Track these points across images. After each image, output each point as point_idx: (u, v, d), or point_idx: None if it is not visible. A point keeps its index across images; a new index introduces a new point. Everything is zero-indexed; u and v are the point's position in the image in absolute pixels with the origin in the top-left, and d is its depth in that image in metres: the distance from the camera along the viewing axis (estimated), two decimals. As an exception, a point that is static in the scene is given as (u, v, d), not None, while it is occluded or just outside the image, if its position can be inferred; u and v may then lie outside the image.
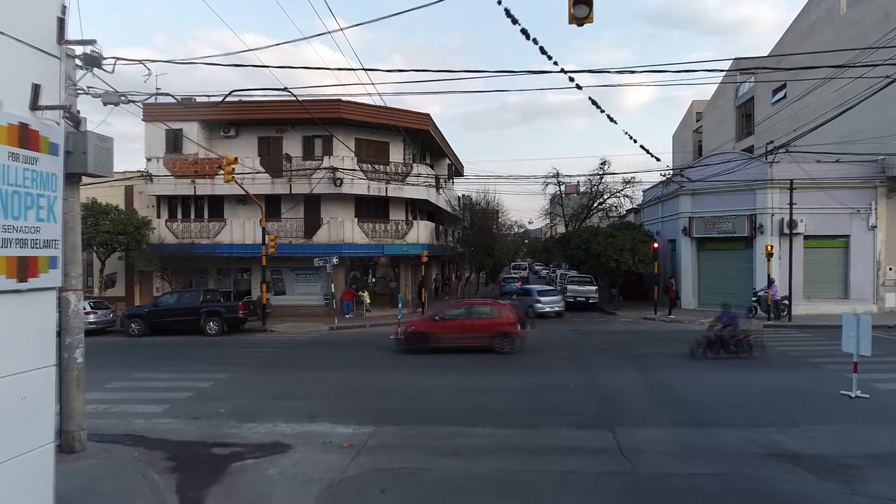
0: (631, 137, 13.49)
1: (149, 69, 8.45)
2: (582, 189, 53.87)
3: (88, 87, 8.49)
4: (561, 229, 65.30)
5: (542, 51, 8.30)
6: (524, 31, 7.70)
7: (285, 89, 9.04)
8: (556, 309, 26.71)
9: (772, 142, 22.59)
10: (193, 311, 21.74)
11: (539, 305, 26.33)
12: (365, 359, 16.61)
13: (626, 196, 48.92)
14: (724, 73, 31.93)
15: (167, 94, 9.06)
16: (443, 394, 11.99)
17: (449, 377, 13.57)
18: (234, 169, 19.23)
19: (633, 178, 46.21)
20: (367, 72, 9.83)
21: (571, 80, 9.39)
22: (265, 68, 8.68)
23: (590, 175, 46.60)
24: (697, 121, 48.35)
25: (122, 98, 8.55)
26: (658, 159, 15.62)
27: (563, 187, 50.61)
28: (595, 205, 50.75)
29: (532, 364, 15.05)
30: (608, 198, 49.77)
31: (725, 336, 15.29)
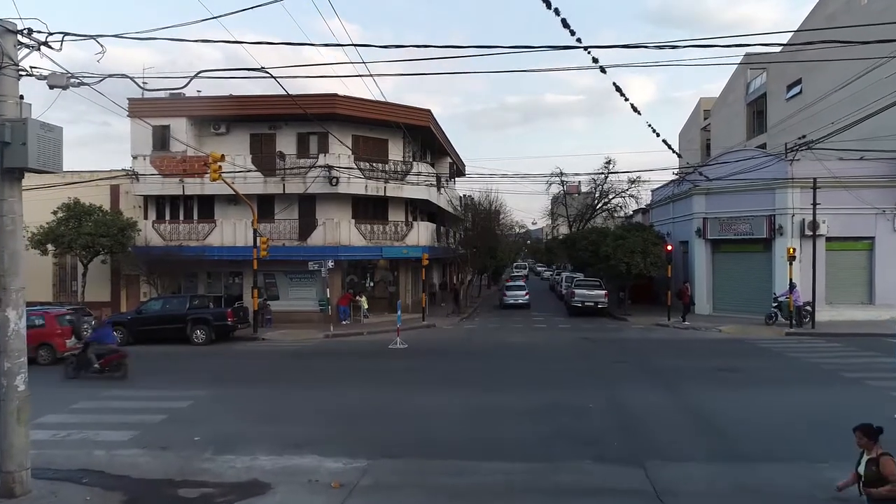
0: (654, 130, 12.26)
1: (102, 46, 7.19)
2: (586, 189, 52.82)
3: (32, 68, 7.22)
4: (563, 230, 64.20)
5: (564, 23, 7.05)
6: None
7: (262, 69, 7.74)
8: (521, 301, 33.49)
9: (803, 136, 21.17)
10: (179, 319, 20.48)
11: (505, 298, 33.79)
12: (360, 372, 15.34)
13: (632, 196, 47.93)
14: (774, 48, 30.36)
15: (126, 77, 7.75)
16: (445, 416, 10.71)
17: (452, 395, 12.27)
18: (220, 167, 17.95)
19: (639, 177, 45.05)
20: (358, 47, 8.59)
21: (595, 61, 8.12)
22: (236, 44, 7.45)
23: (594, 173, 45.57)
24: (705, 118, 47.06)
25: (72, 80, 7.27)
26: (680, 155, 14.40)
27: (565, 186, 49.56)
28: (600, 205, 49.67)
29: (543, 379, 13.77)
30: (613, 198, 48.76)
31: (90, 355, 14.13)
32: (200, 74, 7.15)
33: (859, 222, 22.84)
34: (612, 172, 42.50)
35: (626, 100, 10.02)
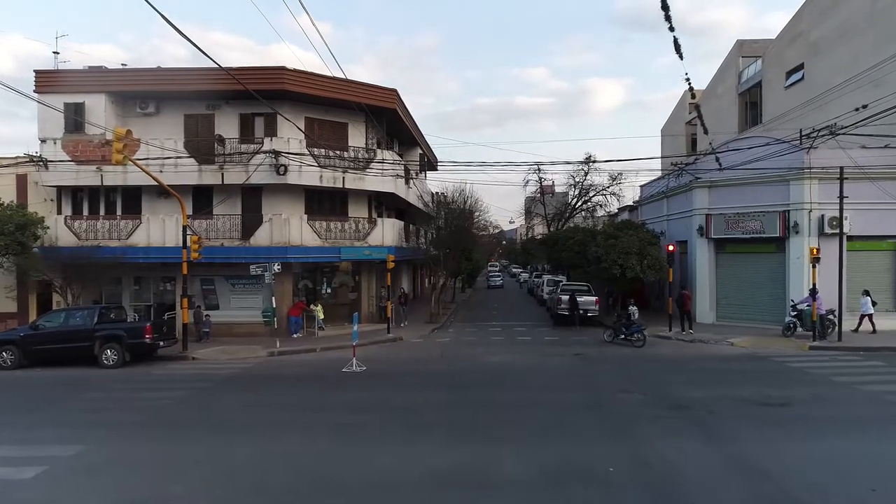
0: (690, 88, 9.13)
1: None
2: (563, 188, 50.43)
3: None
4: (540, 230, 61.86)
5: None
6: None
7: None
8: (498, 283, 54.94)
9: (855, 112, 18.23)
10: (86, 336, 16.64)
11: (489, 282, 54.34)
12: (298, 411, 11.75)
13: (614, 194, 45.61)
14: None
15: None
16: (409, 491, 7.29)
17: (417, 451, 8.85)
18: (125, 146, 14.16)
19: (621, 173, 43.16)
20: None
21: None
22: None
23: (575, 163, 43.23)
24: (691, 112, 44.51)
25: None
26: (706, 131, 11.39)
27: (542, 182, 47.04)
28: (580, 203, 47.18)
29: (537, 421, 10.38)
30: (594, 195, 46.32)
31: None
32: None
33: (885, 219, 20.18)
34: (593, 162, 39.90)
35: (672, 30, 6.83)
